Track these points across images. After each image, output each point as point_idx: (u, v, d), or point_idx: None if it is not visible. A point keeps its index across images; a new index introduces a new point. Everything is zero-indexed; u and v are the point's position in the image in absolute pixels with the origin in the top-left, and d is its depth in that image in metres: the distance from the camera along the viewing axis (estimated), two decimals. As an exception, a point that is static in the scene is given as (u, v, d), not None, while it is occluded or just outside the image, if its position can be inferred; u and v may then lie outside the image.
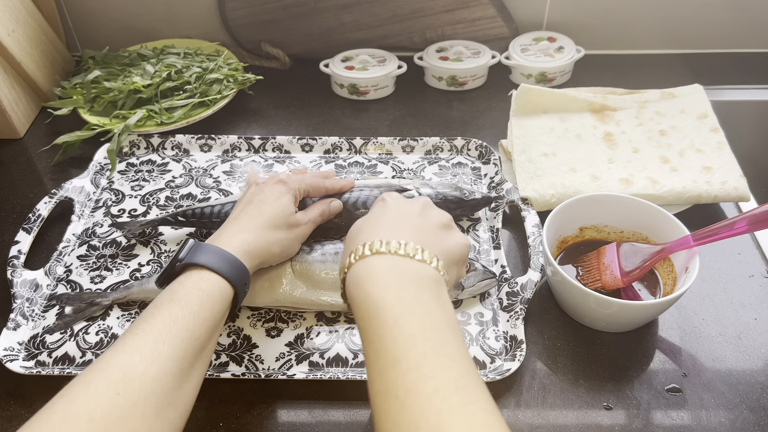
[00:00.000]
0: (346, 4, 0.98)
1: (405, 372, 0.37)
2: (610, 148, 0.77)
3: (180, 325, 0.46)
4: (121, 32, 1.04)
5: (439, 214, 0.52)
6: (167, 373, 0.43)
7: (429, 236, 0.48)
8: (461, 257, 0.51)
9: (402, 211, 0.50)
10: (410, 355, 0.38)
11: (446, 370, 0.38)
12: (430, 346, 0.39)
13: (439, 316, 0.41)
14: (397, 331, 0.39)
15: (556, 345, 0.61)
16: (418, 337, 0.39)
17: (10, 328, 0.61)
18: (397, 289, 0.42)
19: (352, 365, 0.59)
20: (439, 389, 0.36)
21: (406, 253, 0.44)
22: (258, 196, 0.60)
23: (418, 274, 0.44)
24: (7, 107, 0.86)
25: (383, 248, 0.44)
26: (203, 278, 0.50)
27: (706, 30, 1.01)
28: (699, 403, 0.56)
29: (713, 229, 0.58)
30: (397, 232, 0.46)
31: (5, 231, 0.75)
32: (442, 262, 0.46)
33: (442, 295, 0.44)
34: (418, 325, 0.40)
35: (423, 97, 0.96)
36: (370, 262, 0.44)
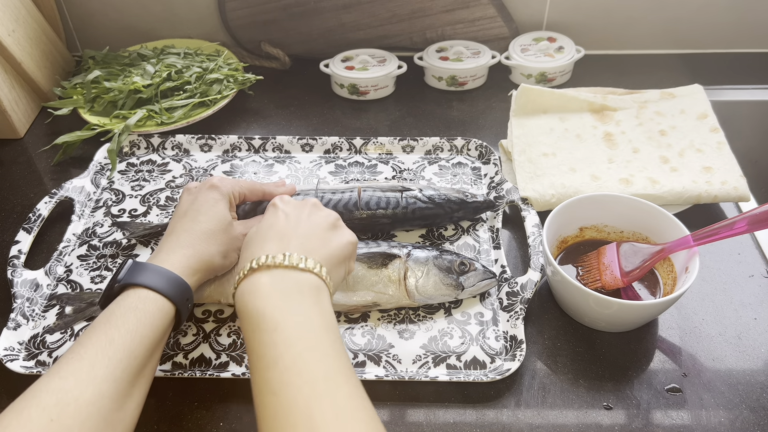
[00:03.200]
0: (346, 4, 0.98)
1: (281, 371, 0.42)
2: (610, 148, 0.77)
3: (116, 346, 0.46)
4: (121, 32, 1.04)
5: (325, 216, 0.55)
6: (104, 395, 0.44)
7: (315, 241, 0.51)
8: (348, 254, 0.54)
9: (291, 217, 0.53)
10: (286, 355, 0.42)
11: (318, 364, 0.42)
12: (305, 347, 0.43)
13: (316, 319, 0.46)
14: (276, 336, 0.44)
15: (556, 345, 0.61)
16: (294, 339, 0.43)
17: (10, 327, 0.61)
18: (278, 299, 0.46)
19: (353, 365, 0.59)
20: (309, 380, 0.41)
21: (289, 263, 0.48)
22: (193, 206, 0.59)
23: (299, 283, 0.47)
24: (7, 107, 0.86)
25: (269, 261, 0.48)
26: (140, 297, 0.50)
27: (706, 30, 1.01)
28: (699, 403, 0.56)
29: (713, 229, 0.58)
30: (284, 243, 0.50)
31: (5, 231, 0.75)
32: (325, 268, 0.49)
33: (321, 299, 0.48)
34: (295, 330, 0.44)
35: (423, 97, 0.96)
36: (255, 278, 0.47)
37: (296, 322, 0.44)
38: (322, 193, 0.70)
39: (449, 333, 0.61)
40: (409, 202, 0.69)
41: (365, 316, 0.63)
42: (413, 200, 0.69)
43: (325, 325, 0.46)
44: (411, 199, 0.69)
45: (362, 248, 0.64)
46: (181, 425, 0.55)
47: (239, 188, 0.63)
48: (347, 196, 0.69)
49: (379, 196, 0.69)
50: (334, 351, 0.44)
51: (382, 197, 0.69)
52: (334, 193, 0.70)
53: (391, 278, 0.62)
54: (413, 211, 0.69)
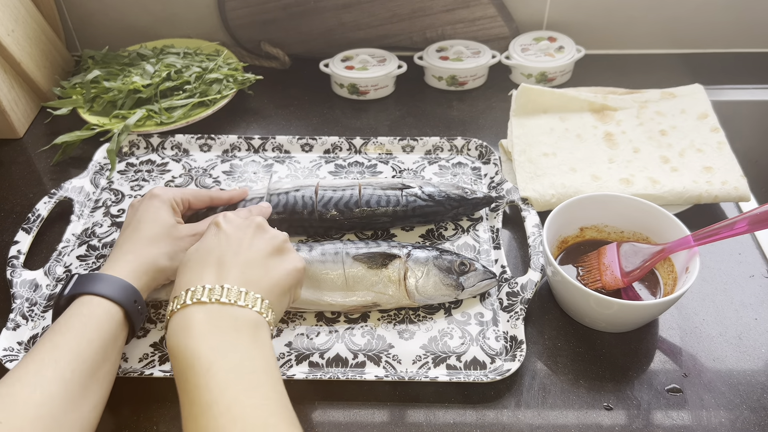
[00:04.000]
0: (346, 4, 0.98)
1: (216, 416, 0.39)
2: (610, 148, 0.77)
3: (62, 349, 0.47)
4: (121, 32, 1.04)
5: (270, 239, 0.52)
6: (53, 396, 0.44)
7: (256, 270, 0.49)
8: (293, 282, 0.52)
9: (233, 240, 0.51)
10: (221, 399, 0.40)
11: (257, 410, 0.40)
12: (242, 389, 0.41)
13: (255, 360, 0.43)
14: (209, 378, 0.41)
15: (556, 345, 0.61)
16: (230, 382, 0.41)
17: (9, 328, 0.61)
18: (213, 338, 0.43)
19: (352, 365, 0.59)
20: (246, 428, 0.39)
21: (227, 299, 0.46)
22: (135, 217, 0.60)
23: (237, 321, 0.45)
24: (7, 107, 0.86)
25: (204, 297, 0.45)
26: (84, 303, 0.51)
27: (706, 30, 1.01)
28: (699, 404, 0.56)
29: (713, 229, 0.58)
30: (223, 273, 0.47)
31: (5, 231, 0.75)
32: (266, 302, 0.47)
33: (260, 337, 0.45)
34: (231, 372, 0.42)
35: (423, 97, 0.96)
36: (188, 313, 0.45)
37: (232, 364, 0.42)
38: (323, 190, 0.69)
39: (449, 333, 0.61)
40: (409, 200, 0.69)
41: (365, 316, 0.63)
42: (413, 198, 0.69)
43: (264, 366, 0.44)
44: (411, 197, 0.69)
45: (362, 248, 0.64)
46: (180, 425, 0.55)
47: (182, 195, 0.64)
48: (348, 193, 0.69)
49: (380, 195, 0.69)
50: (274, 393, 0.42)
51: (382, 195, 0.69)
52: (335, 191, 0.69)
53: (391, 278, 0.62)
54: (413, 209, 0.69)
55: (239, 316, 0.46)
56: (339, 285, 0.62)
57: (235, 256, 0.50)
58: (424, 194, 0.69)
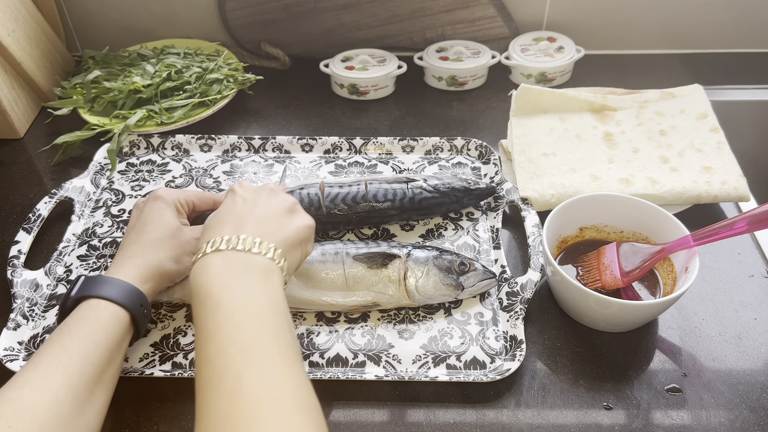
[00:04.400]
0: (346, 4, 0.98)
1: (219, 341, 0.43)
2: (610, 148, 0.77)
3: (70, 353, 0.47)
4: (121, 32, 1.04)
5: (282, 200, 0.55)
6: (61, 401, 0.45)
7: (271, 224, 0.52)
8: (305, 237, 0.54)
9: (248, 201, 0.54)
10: (225, 327, 0.43)
11: (255, 335, 0.43)
12: (244, 320, 0.44)
13: (261, 297, 0.46)
14: (218, 310, 0.44)
15: (556, 345, 0.61)
16: (235, 314, 0.44)
17: (10, 327, 0.61)
18: (225, 277, 0.47)
19: (352, 365, 0.59)
20: (244, 350, 0.42)
21: (243, 247, 0.48)
22: (140, 219, 0.60)
23: (249, 264, 0.48)
24: (7, 107, 0.86)
25: (222, 245, 0.48)
26: (92, 307, 0.51)
27: (706, 30, 1.01)
28: (699, 403, 0.56)
29: (713, 229, 0.58)
30: (239, 226, 0.51)
31: (5, 231, 0.75)
32: (279, 251, 0.50)
33: (271, 279, 0.48)
34: (237, 305, 0.45)
35: (423, 97, 0.96)
36: (207, 259, 0.48)
37: (240, 299, 0.45)
38: (329, 187, 0.69)
39: (449, 333, 0.61)
40: (414, 192, 0.70)
41: (365, 316, 0.63)
42: (419, 190, 0.70)
43: (270, 303, 0.46)
44: (417, 190, 0.70)
45: (362, 248, 0.64)
46: (181, 425, 0.55)
47: (186, 197, 0.64)
48: (354, 189, 0.69)
49: (386, 188, 0.70)
50: (276, 325, 0.45)
51: (389, 189, 0.70)
52: (342, 187, 0.70)
53: (391, 278, 0.62)
54: (419, 200, 0.70)
55: (252, 261, 0.48)
56: (339, 285, 0.62)
57: (251, 212, 0.52)
58: (429, 186, 0.70)
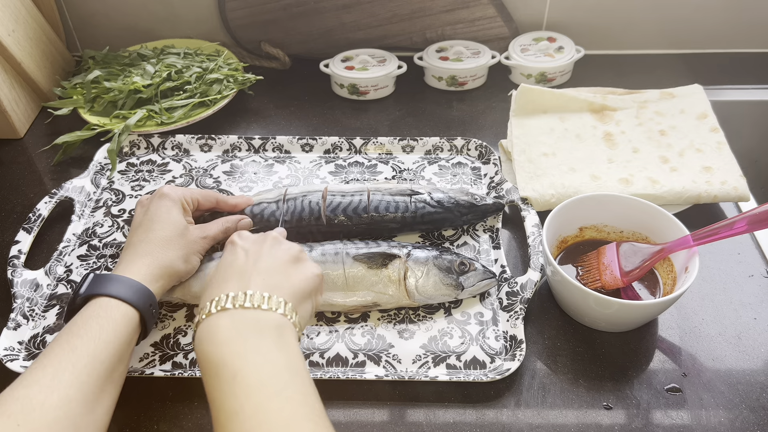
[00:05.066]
0: (346, 4, 0.98)
1: (242, 422, 0.40)
2: (609, 148, 0.77)
3: (79, 352, 0.47)
4: (121, 32, 1.04)
5: (287, 250, 0.53)
6: (71, 399, 0.44)
7: (277, 277, 0.50)
8: (313, 289, 0.52)
9: (251, 252, 0.52)
10: (246, 405, 0.41)
11: (280, 413, 0.41)
12: (266, 394, 0.42)
13: (278, 362, 0.44)
14: (235, 385, 0.42)
15: (555, 345, 0.61)
16: (254, 387, 0.42)
17: (10, 327, 0.61)
18: (237, 343, 0.44)
19: (352, 365, 0.59)
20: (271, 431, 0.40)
21: (251, 304, 0.46)
22: (146, 217, 0.60)
23: (260, 324, 0.46)
24: (7, 107, 0.86)
25: (228, 304, 0.46)
26: (102, 306, 0.51)
27: (706, 30, 1.01)
28: (699, 403, 0.56)
29: (713, 229, 0.58)
30: (245, 281, 0.48)
31: (5, 231, 0.75)
32: (290, 305, 0.48)
33: (285, 338, 0.46)
34: (254, 377, 0.42)
35: (423, 97, 0.96)
36: (213, 321, 0.46)
37: (257, 368, 0.43)
38: (331, 195, 0.69)
39: (449, 333, 0.61)
40: (417, 206, 0.68)
41: (365, 316, 0.63)
42: (422, 204, 0.69)
43: (288, 366, 0.44)
44: (420, 204, 0.69)
45: (362, 248, 0.64)
46: (181, 425, 0.55)
47: (191, 195, 0.64)
48: (356, 199, 0.69)
49: (388, 200, 0.69)
50: (300, 394, 0.43)
51: (391, 201, 0.69)
52: (344, 196, 0.69)
53: (391, 278, 0.62)
54: (422, 215, 0.68)
55: (262, 319, 0.46)
56: (339, 285, 0.62)
57: (255, 265, 0.50)
58: (433, 201, 0.69)
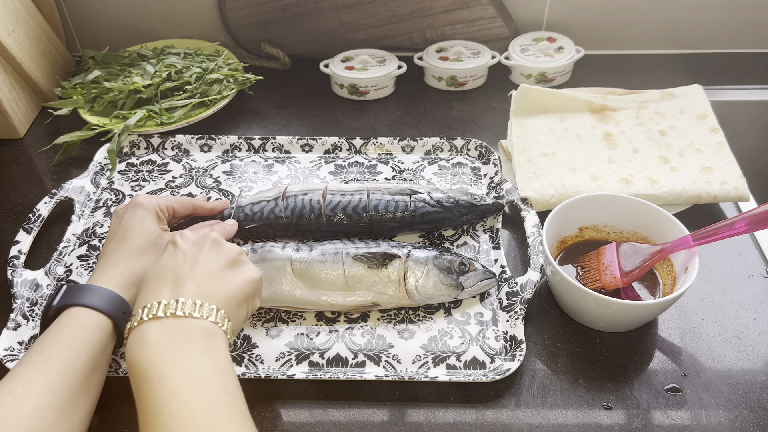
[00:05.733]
0: (346, 4, 0.98)
1: (167, 420, 0.40)
2: (609, 148, 0.77)
3: (52, 362, 0.47)
4: (122, 32, 1.04)
5: (226, 253, 0.53)
6: (43, 409, 0.44)
7: (213, 283, 0.49)
8: (250, 293, 0.52)
9: (188, 255, 0.51)
10: (172, 404, 0.41)
11: (206, 411, 0.41)
12: (193, 394, 0.42)
13: (206, 366, 0.44)
14: (162, 386, 0.42)
15: (555, 345, 0.61)
16: (181, 389, 0.42)
17: (10, 328, 0.61)
18: (166, 349, 0.44)
19: (352, 365, 0.59)
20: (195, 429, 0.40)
21: (182, 312, 0.46)
22: (120, 226, 0.60)
23: (190, 331, 0.46)
24: (7, 107, 0.86)
25: (160, 312, 0.46)
26: (74, 315, 0.51)
27: (706, 30, 1.01)
28: (699, 403, 0.56)
29: (713, 229, 0.58)
30: (178, 287, 0.48)
31: (5, 231, 0.75)
32: (222, 312, 0.48)
33: (215, 344, 0.46)
34: (182, 378, 0.42)
35: (423, 97, 0.96)
36: (144, 329, 0.46)
37: (184, 371, 0.43)
38: (331, 194, 0.69)
39: (449, 333, 0.61)
40: (417, 206, 0.69)
41: (365, 316, 0.63)
42: (422, 204, 0.69)
43: (216, 371, 0.44)
44: (419, 203, 0.69)
45: (362, 248, 0.64)
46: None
47: (166, 203, 0.64)
48: (356, 198, 0.69)
49: (388, 200, 0.69)
50: (227, 396, 0.43)
51: (391, 200, 0.69)
52: (344, 195, 0.69)
53: (391, 278, 0.62)
54: (422, 215, 0.69)
55: (193, 326, 0.46)
56: (339, 285, 0.62)
57: (190, 270, 0.50)
58: (433, 200, 0.69)
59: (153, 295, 0.48)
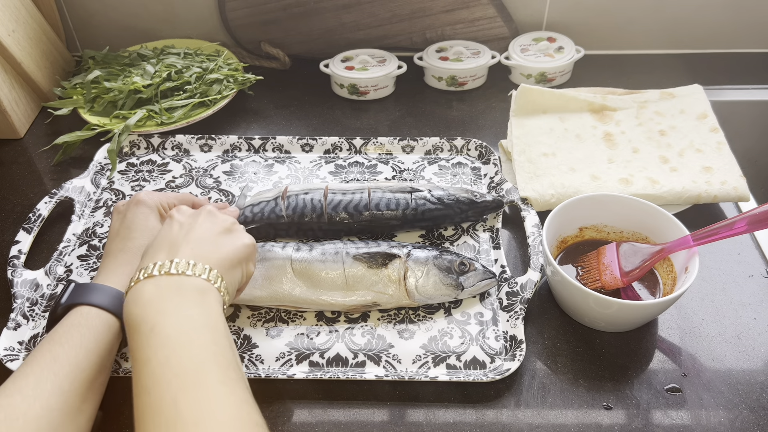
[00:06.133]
0: (346, 4, 0.98)
1: (154, 367, 0.42)
2: (609, 148, 0.77)
3: (61, 361, 0.47)
4: (122, 32, 1.04)
5: (220, 221, 0.54)
6: (52, 408, 0.45)
7: (207, 245, 0.51)
8: (244, 257, 0.53)
9: (184, 225, 0.52)
10: (160, 352, 0.42)
11: (191, 358, 0.42)
12: (180, 342, 0.43)
13: (197, 318, 0.45)
14: (152, 336, 0.43)
15: (555, 345, 0.61)
16: (169, 338, 0.43)
17: (10, 327, 0.61)
18: (159, 303, 0.45)
19: (352, 365, 0.59)
20: (179, 373, 0.41)
21: (176, 271, 0.47)
22: (123, 225, 0.60)
23: (183, 287, 0.47)
24: (8, 107, 0.86)
25: (155, 271, 0.47)
26: (83, 314, 0.51)
27: (706, 30, 1.01)
28: (698, 403, 0.56)
29: (713, 229, 0.58)
30: (173, 251, 0.49)
31: (5, 231, 0.75)
32: (215, 272, 0.49)
33: (207, 300, 0.47)
34: (172, 328, 0.43)
35: (423, 97, 0.96)
36: (139, 287, 0.47)
37: (174, 322, 0.44)
38: (332, 193, 0.69)
39: (449, 333, 0.61)
40: (418, 203, 0.69)
41: (365, 316, 0.63)
42: (422, 201, 0.69)
43: (207, 324, 0.45)
44: (420, 201, 0.69)
45: (362, 248, 0.64)
46: (181, 425, 0.55)
47: (167, 200, 0.64)
48: (357, 197, 0.69)
49: (389, 198, 0.69)
50: (214, 344, 0.44)
51: (392, 198, 0.69)
52: (344, 194, 0.69)
53: (391, 278, 0.62)
54: (422, 212, 0.69)
55: (186, 283, 0.47)
56: (339, 285, 0.62)
57: (186, 236, 0.51)
58: (433, 197, 0.69)
59: (150, 259, 0.49)
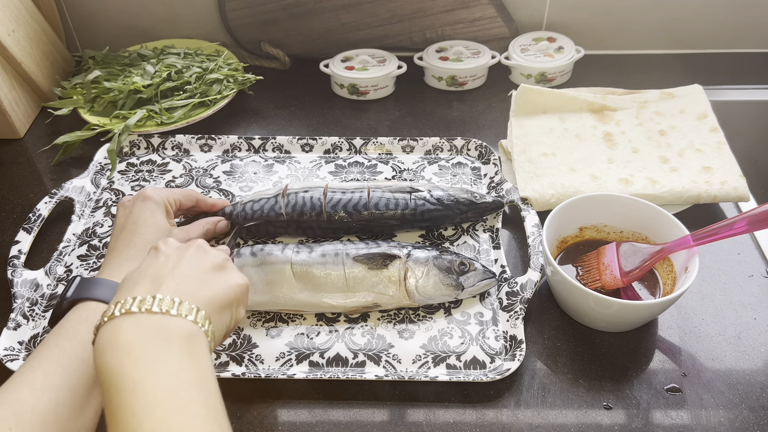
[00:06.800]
0: (346, 4, 0.98)
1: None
2: (609, 148, 0.77)
3: (69, 356, 0.46)
4: (122, 32, 1.04)
5: (212, 257, 0.49)
6: (60, 403, 0.44)
7: (194, 282, 0.45)
8: (235, 298, 0.48)
9: (171, 258, 0.47)
10: (146, 423, 0.37)
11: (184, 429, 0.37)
12: (170, 409, 0.38)
13: (185, 374, 0.40)
14: (135, 399, 0.38)
15: (555, 345, 0.61)
16: (157, 402, 0.38)
17: (10, 327, 0.61)
18: (140, 349, 0.40)
19: (352, 365, 0.59)
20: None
21: (159, 309, 0.41)
22: (129, 219, 0.59)
23: (167, 330, 0.41)
24: (8, 107, 0.86)
25: (134, 307, 0.41)
26: (90, 309, 0.50)
27: (706, 30, 1.01)
28: (698, 403, 0.56)
29: (713, 229, 0.58)
30: (156, 285, 0.44)
31: (5, 231, 0.75)
32: (203, 313, 0.43)
33: (195, 348, 0.41)
34: (158, 390, 0.38)
35: (423, 97, 0.96)
36: (115, 325, 0.41)
37: (160, 380, 0.38)
38: (332, 192, 0.69)
39: (449, 333, 0.61)
40: (417, 203, 0.69)
41: (365, 316, 0.63)
42: (422, 202, 0.69)
43: (197, 380, 0.40)
44: (420, 201, 0.69)
45: (362, 249, 0.64)
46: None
47: (173, 196, 0.64)
48: (357, 196, 0.69)
49: (388, 197, 0.69)
50: (205, 409, 0.39)
51: (391, 198, 0.69)
52: (344, 193, 0.70)
53: (391, 279, 0.62)
54: (422, 212, 0.69)
55: (170, 325, 0.41)
56: (339, 286, 0.62)
57: (172, 270, 0.46)
58: (433, 198, 0.69)
59: (127, 292, 0.43)
